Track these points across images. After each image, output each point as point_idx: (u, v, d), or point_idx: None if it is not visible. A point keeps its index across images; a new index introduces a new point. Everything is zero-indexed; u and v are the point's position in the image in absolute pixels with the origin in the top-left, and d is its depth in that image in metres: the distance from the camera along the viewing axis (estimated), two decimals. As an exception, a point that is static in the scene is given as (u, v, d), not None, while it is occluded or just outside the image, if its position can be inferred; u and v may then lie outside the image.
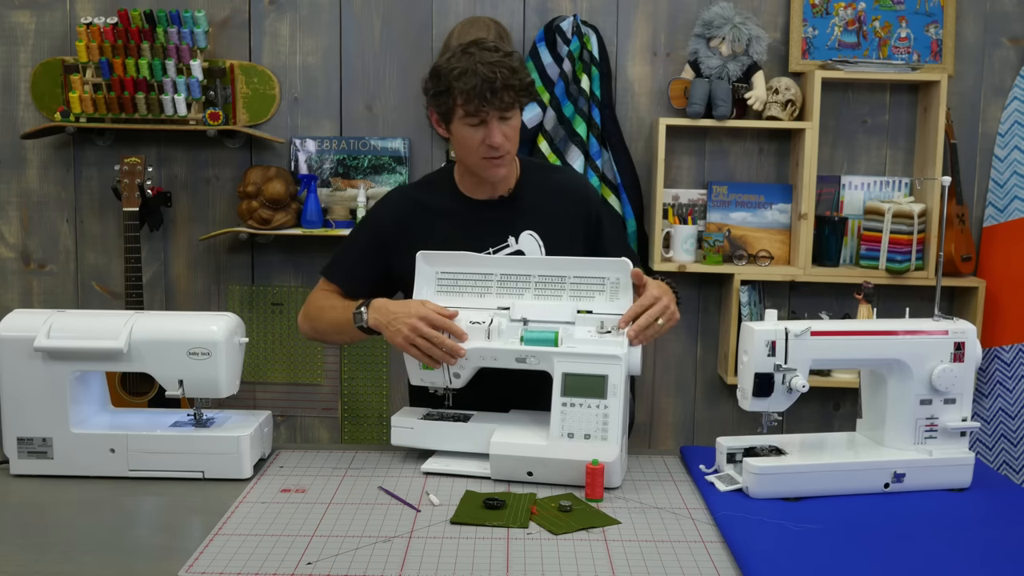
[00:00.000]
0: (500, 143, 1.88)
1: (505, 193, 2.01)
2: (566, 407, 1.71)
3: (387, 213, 2.04)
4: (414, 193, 2.08)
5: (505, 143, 1.89)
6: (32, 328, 1.73)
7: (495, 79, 1.82)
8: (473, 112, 1.85)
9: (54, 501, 1.64)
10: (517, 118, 1.92)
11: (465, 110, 1.86)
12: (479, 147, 1.89)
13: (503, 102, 1.85)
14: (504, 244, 1.98)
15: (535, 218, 2.00)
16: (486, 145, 1.88)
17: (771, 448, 1.72)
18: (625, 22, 3.19)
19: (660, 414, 3.33)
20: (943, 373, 1.69)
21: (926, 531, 1.52)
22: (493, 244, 1.98)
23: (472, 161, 1.93)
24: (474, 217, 2.00)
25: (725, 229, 3.18)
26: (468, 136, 1.89)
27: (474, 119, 1.86)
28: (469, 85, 1.83)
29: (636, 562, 1.40)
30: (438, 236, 1.98)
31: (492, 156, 1.90)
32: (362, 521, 1.54)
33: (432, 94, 1.91)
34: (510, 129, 1.90)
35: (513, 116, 1.90)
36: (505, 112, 1.87)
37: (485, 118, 1.86)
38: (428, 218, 2.01)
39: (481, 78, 1.82)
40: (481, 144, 1.88)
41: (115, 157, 3.10)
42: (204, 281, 3.31)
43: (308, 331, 2.03)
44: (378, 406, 3.33)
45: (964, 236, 3.12)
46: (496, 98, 1.83)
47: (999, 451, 3.18)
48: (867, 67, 3.03)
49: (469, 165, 1.96)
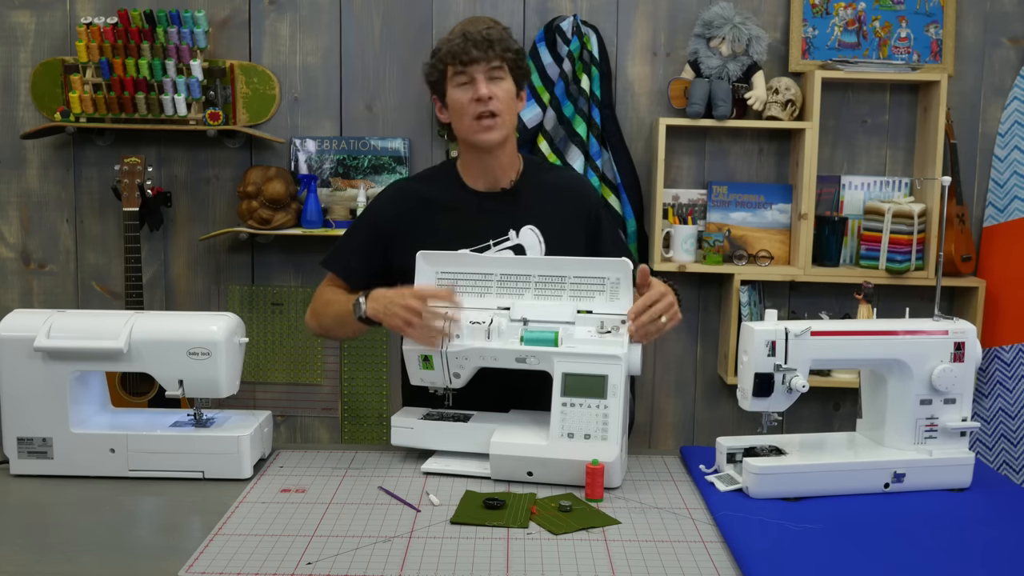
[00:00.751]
0: (489, 94, 1.91)
1: (507, 185, 2.02)
2: (566, 407, 1.71)
3: (385, 208, 2.05)
4: (414, 186, 2.09)
5: (495, 101, 1.92)
6: (32, 328, 1.73)
7: (478, 35, 1.91)
8: (461, 69, 1.91)
9: (54, 501, 1.64)
10: (508, 83, 1.95)
11: (453, 68, 1.93)
12: (469, 106, 1.92)
13: (487, 55, 1.91)
14: (504, 237, 1.99)
15: (536, 213, 2.01)
16: (475, 101, 1.91)
17: (771, 448, 1.72)
18: (625, 22, 3.19)
19: (660, 414, 3.33)
20: (943, 373, 1.69)
21: (926, 531, 1.52)
22: (493, 237, 1.99)
23: (465, 126, 1.95)
24: (475, 208, 2.01)
25: (725, 229, 3.18)
26: (459, 98, 1.93)
27: (463, 77, 1.92)
28: (455, 43, 1.92)
29: (636, 562, 1.40)
30: (438, 229, 1.98)
31: (482, 113, 1.92)
32: (362, 521, 1.54)
33: (427, 70, 1.99)
34: (500, 91, 1.93)
35: (503, 78, 1.94)
36: (492, 68, 1.92)
37: (473, 75, 1.91)
38: (428, 211, 2.02)
39: (465, 36, 1.92)
40: (471, 102, 1.92)
41: (115, 157, 3.10)
42: (204, 281, 3.31)
43: (315, 327, 2.04)
44: (378, 406, 3.33)
45: (964, 236, 3.12)
46: (480, 52, 1.90)
47: (999, 451, 3.18)
48: (867, 67, 3.03)
49: (463, 134, 1.97)
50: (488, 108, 1.92)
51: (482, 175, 2.02)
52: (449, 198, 2.03)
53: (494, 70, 1.93)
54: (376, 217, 2.06)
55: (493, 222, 2.00)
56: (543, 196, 2.04)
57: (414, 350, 1.81)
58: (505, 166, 2.02)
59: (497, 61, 1.92)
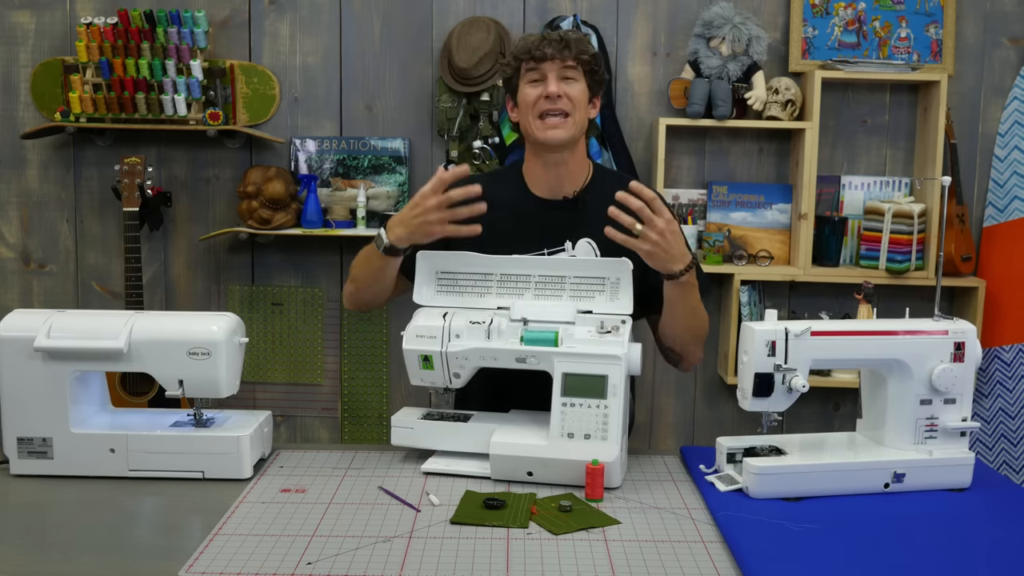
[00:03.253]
0: (559, 92, 1.90)
1: (570, 194, 1.99)
2: (566, 407, 1.70)
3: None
4: (484, 182, 2.06)
5: (565, 99, 1.91)
6: (32, 328, 1.72)
7: (556, 35, 1.93)
8: (534, 66, 1.91)
9: (54, 501, 1.64)
10: (581, 85, 1.94)
11: (526, 65, 1.92)
12: (538, 103, 1.91)
13: (562, 54, 1.90)
14: (560, 248, 1.97)
15: (596, 225, 1.92)
16: (544, 97, 1.90)
17: (771, 448, 1.72)
18: (625, 22, 3.19)
19: (660, 414, 3.33)
20: (943, 373, 1.68)
21: (926, 531, 1.52)
22: (549, 245, 1.96)
23: (531, 123, 1.94)
24: (535, 216, 1.99)
25: (725, 229, 3.18)
26: (529, 93, 1.93)
27: (535, 74, 1.92)
28: (531, 41, 1.94)
29: (636, 562, 1.40)
30: (495, 231, 1.91)
31: (550, 110, 1.90)
32: (362, 521, 1.54)
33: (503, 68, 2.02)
34: (572, 91, 1.92)
35: (576, 79, 1.93)
36: (566, 66, 1.91)
37: (545, 72, 1.91)
38: (491, 210, 1.95)
39: (538, 37, 1.94)
40: (540, 99, 1.91)
41: (115, 157, 3.10)
42: (204, 281, 3.31)
43: (350, 293, 2.01)
44: (378, 406, 3.33)
45: (964, 236, 3.12)
46: (555, 50, 1.90)
47: (999, 451, 3.18)
48: (867, 67, 3.03)
49: (528, 132, 1.95)
50: (557, 106, 1.90)
51: (545, 181, 1.99)
52: (510, 201, 1.99)
53: (568, 69, 1.91)
54: None
55: (550, 230, 1.97)
56: (606, 208, 1.93)
57: (414, 350, 1.81)
58: (570, 172, 1.98)
59: (572, 61, 1.91)
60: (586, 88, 1.95)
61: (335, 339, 3.31)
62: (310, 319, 3.30)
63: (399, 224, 1.82)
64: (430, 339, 1.80)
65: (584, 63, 1.93)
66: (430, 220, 1.78)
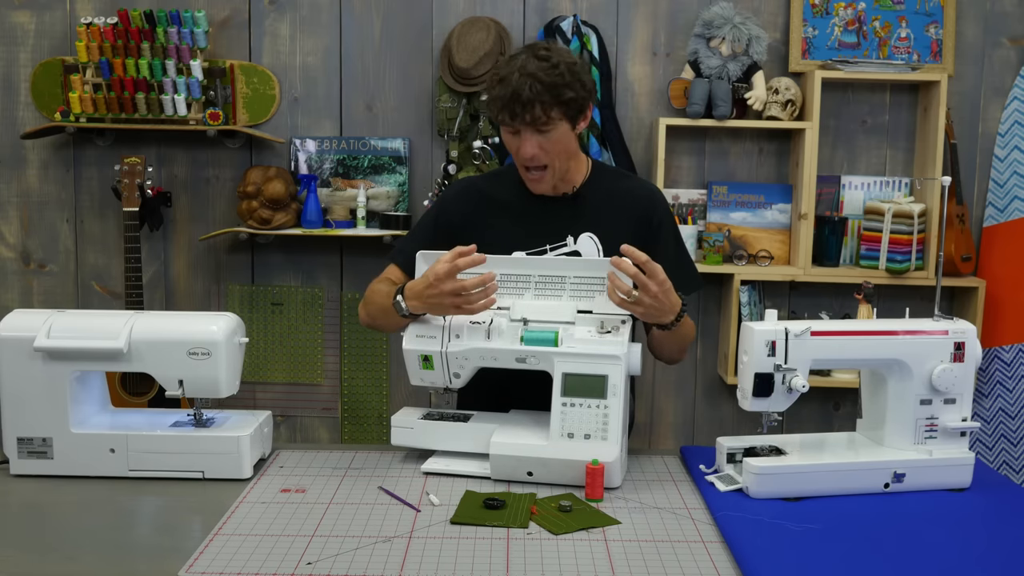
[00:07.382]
0: (532, 155, 1.88)
1: (569, 191, 2.01)
2: (566, 407, 1.71)
3: (451, 206, 2.05)
4: (481, 184, 2.08)
5: (539, 156, 1.89)
6: (32, 328, 1.73)
7: (522, 92, 1.81)
8: (507, 122, 1.87)
9: (54, 501, 1.64)
10: (559, 130, 1.88)
11: (500, 119, 1.89)
12: (518, 155, 1.92)
13: (532, 116, 1.83)
14: (562, 243, 1.97)
15: (597, 220, 1.98)
16: (521, 156, 1.91)
17: (771, 448, 1.72)
18: (625, 22, 3.19)
19: (660, 414, 3.33)
20: (943, 373, 1.69)
21: (926, 531, 1.53)
22: (551, 242, 1.97)
23: (517, 166, 1.97)
24: (536, 212, 2.00)
25: (725, 229, 3.18)
26: (509, 142, 1.93)
27: (509, 128, 1.89)
28: (501, 94, 1.84)
29: (636, 562, 1.40)
30: (498, 229, 1.97)
31: (529, 166, 1.92)
32: (362, 521, 1.54)
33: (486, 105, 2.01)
34: (549, 142, 1.88)
35: (552, 129, 1.86)
36: (539, 126, 1.85)
37: (518, 129, 1.87)
38: (491, 210, 2.01)
39: (512, 89, 1.82)
40: (517, 154, 1.92)
41: (115, 157, 3.10)
42: (204, 281, 3.31)
43: (363, 316, 2.02)
44: (378, 406, 3.33)
45: (964, 236, 3.12)
46: (525, 112, 1.83)
47: (999, 451, 3.18)
48: (867, 67, 3.03)
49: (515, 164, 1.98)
50: (534, 163, 1.90)
51: None
52: (512, 199, 2.02)
53: (542, 124, 1.86)
54: (442, 214, 2.06)
55: (552, 226, 1.98)
56: (606, 203, 2.00)
57: (414, 350, 1.81)
58: (568, 172, 1.99)
59: (543, 118, 1.84)
60: (567, 124, 1.89)
61: (335, 339, 3.31)
62: (310, 319, 3.30)
63: (415, 298, 1.80)
64: (430, 339, 1.80)
65: (560, 105, 1.85)
66: (444, 304, 1.77)
